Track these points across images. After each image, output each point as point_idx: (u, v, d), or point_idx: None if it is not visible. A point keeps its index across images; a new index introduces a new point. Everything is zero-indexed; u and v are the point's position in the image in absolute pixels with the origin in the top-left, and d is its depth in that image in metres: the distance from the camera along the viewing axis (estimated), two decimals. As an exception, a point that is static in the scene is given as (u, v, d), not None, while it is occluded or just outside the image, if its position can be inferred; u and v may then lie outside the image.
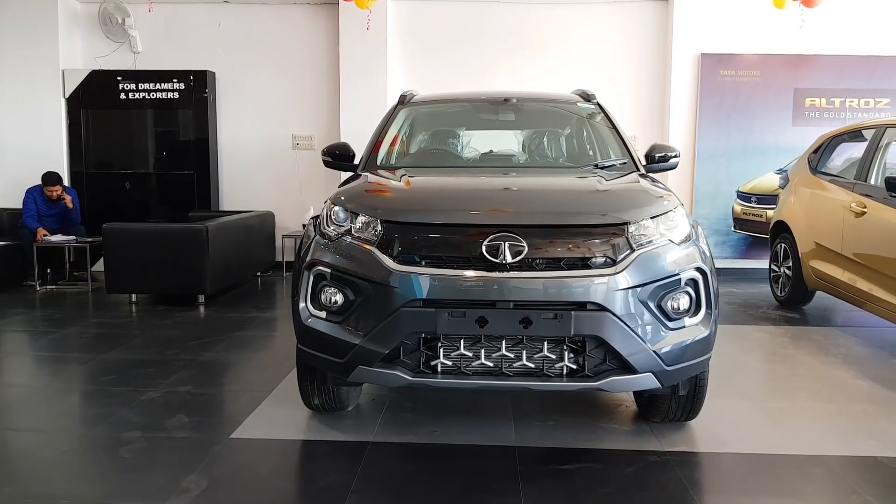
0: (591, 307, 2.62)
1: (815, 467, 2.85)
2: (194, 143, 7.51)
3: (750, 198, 7.22)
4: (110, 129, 7.57)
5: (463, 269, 2.65)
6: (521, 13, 7.33)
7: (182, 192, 7.52)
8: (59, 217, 7.00)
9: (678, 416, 3.17)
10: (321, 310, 2.87)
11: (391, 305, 2.66)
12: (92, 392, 3.71)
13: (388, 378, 2.73)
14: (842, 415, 3.46)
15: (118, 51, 7.53)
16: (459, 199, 3.04)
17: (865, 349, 4.64)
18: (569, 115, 4.28)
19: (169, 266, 5.79)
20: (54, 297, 6.35)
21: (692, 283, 2.80)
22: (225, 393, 3.81)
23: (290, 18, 7.50)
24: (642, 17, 7.27)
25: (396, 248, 2.73)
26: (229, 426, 3.21)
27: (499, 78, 7.29)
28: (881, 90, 6.98)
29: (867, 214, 4.66)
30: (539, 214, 2.80)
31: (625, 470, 2.81)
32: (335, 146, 3.92)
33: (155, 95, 7.39)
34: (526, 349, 2.68)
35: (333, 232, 2.93)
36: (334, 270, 2.82)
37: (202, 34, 7.54)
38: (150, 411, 3.43)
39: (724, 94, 7.07)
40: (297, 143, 7.65)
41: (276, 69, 7.56)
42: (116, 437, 3.09)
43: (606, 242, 2.69)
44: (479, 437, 3.11)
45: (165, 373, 4.02)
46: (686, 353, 2.76)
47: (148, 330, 5.07)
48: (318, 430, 3.18)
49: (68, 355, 4.45)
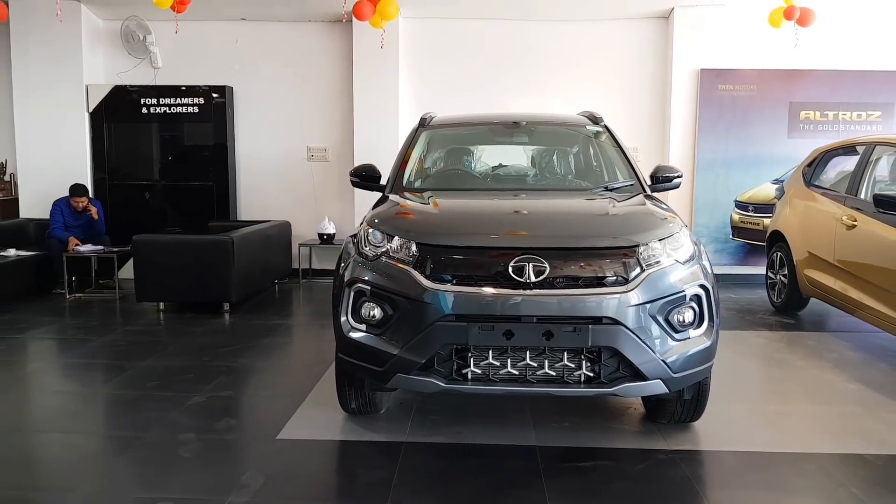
0: (606, 321, 2.93)
1: (808, 464, 3.17)
2: (213, 156, 7.80)
3: (747, 207, 7.53)
4: (132, 143, 7.86)
5: (491, 288, 2.96)
6: (526, 31, 7.62)
7: (201, 202, 7.81)
8: (84, 227, 7.28)
9: (683, 417, 3.49)
10: (361, 323, 3.17)
11: (427, 320, 2.97)
12: (141, 397, 4.00)
13: (424, 385, 3.04)
14: (832, 416, 3.78)
15: (139, 66, 7.81)
16: (487, 224, 3.34)
17: (856, 353, 4.95)
18: (578, 137, 4.58)
19: (196, 275, 6.08)
20: (83, 305, 6.63)
21: (696, 299, 3.11)
22: (263, 397, 4.12)
23: (305, 35, 7.79)
24: (644, 35, 7.57)
25: (430, 267, 3.03)
26: (274, 428, 3.51)
27: (505, 93, 7.58)
28: (872, 104, 7.30)
29: (857, 228, 4.97)
30: (559, 238, 3.11)
31: (636, 467, 3.11)
32: (362, 167, 4.22)
33: (175, 110, 7.67)
34: (548, 358, 2.99)
35: (371, 252, 3.23)
36: (373, 288, 3.12)
37: (220, 50, 7.83)
38: (198, 415, 3.73)
39: (723, 108, 7.37)
40: (312, 154, 7.94)
41: (292, 84, 7.84)
42: (173, 438, 3.39)
43: (619, 263, 3.00)
44: (501, 437, 3.41)
45: (205, 379, 4.32)
46: (691, 361, 3.07)
47: (180, 337, 5.36)
48: (355, 432, 3.49)
49: (111, 362, 4.73)
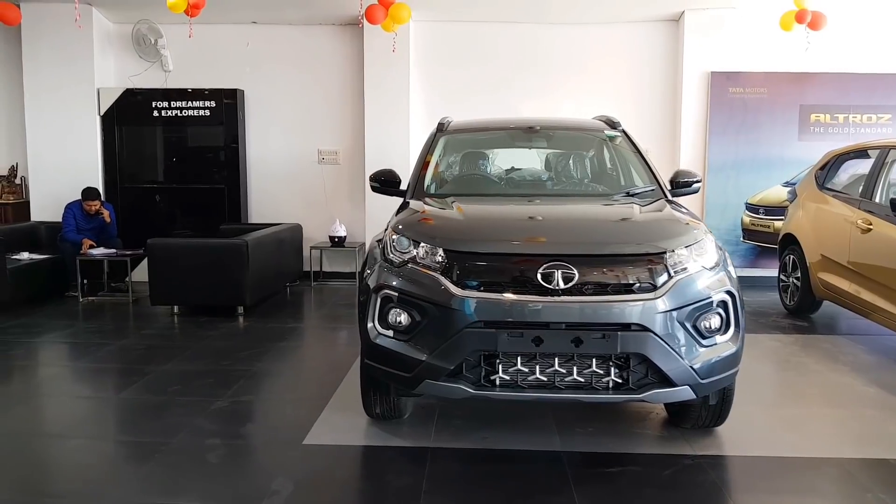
0: (635, 328, 2.94)
1: (832, 468, 3.18)
2: (224, 158, 7.81)
3: (758, 209, 7.55)
4: (143, 145, 7.88)
5: (520, 294, 2.97)
6: (537, 34, 7.64)
7: (212, 205, 7.82)
8: (96, 230, 7.29)
9: (707, 422, 3.51)
10: (388, 329, 3.19)
11: (455, 326, 2.98)
12: (163, 402, 4.01)
13: (453, 391, 3.05)
14: (853, 420, 3.79)
15: (150, 70, 7.83)
16: (515, 230, 3.35)
17: (871, 357, 4.97)
18: (597, 142, 4.59)
19: (211, 278, 6.09)
20: (97, 308, 6.64)
21: (722, 305, 3.13)
22: (286, 402, 4.13)
23: (316, 38, 7.80)
24: (654, 38, 7.59)
25: (459, 274, 3.04)
26: (299, 432, 3.52)
27: (516, 96, 7.60)
28: (882, 106, 7.32)
29: (873, 231, 4.99)
30: (587, 244, 3.12)
31: (663, 472, 3.13)
32: (382, 173, 4.24)
33: (186, 113, 7.69)
34: (576, 365, 3.00)
35: (397, 259, 3.25)
36: (401, 294, 3.13)
37: (231, 53, 7.84)
38: (222, 420, 3.75)
39: (733, 111, 7.39)
40: (323, 157, 7.95)
41: (303, 87, 7.86)
42: (200, 443, 3.41)
43: (648, 269, 3.02)
44: (526, 442, 3.43)
45: (226, 383, 4.34)
46: (718, 367, 3.09)
47: (197, 341, 5.37)
48: (379, 437, 3.51)
49: (130, 366, 4.74)
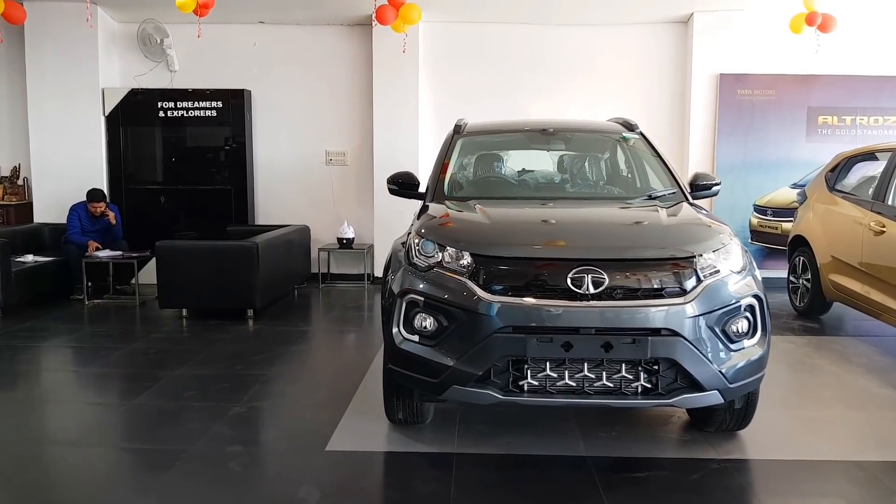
0: (665, 332, 2.92)
1: (858, 472, 3.18)
2: (231, 159, 7.77)
3: (766, 211, 7.56)
4: (148, 146, 7.83)
5: (550, 299, 2.96)
6: (546, 35, 7.63)
7: (219, 206, 7.78)
8: (101, 232, 7.23)
9: (731, 426, 3.50)
10: (414, 334, 3.16)
11: (484, 331, 2.96)
12: (180, 408, 3.97)
13: (481, 397, 3.03)
14: (872, 422, 3.79)
15: (155, 70, 7.78)
16: (543, 234, 3.34)
17: (884, 358, 4.98)
18: (616, 145, 4.58)
19: (220, 281, 6.05)
20: (103, 311, 6.59)
21: (750, 309, 3.12)
22: (304, 407, 4.09)
23: (324, 38, 7.77)
24: (663, 39, 7.60)
25: (487, 279, 3.02)
26: (321, 439, 3.49)
27: (525, 97, 7.59)
28: (890, 108, 7.34)
29: (886, 233, 5.00)
30: (617, 249, 3.11)
31: (691, 477, 3.12)
32: (399, 175, 4.21)
33: (193, 113, 7.64)
34: (605, 370, 2.98)
35: (423, 263, 3.22)
36: (427, 298, 3.11)
37: (238, 53, 7.80)
38: (242, 426, 3.71)
39: (742, 112, 7.40)
40: (331, 158, 7.92)
41: (310, 87, 7.82)
42: (221, 450, 3.37)
43: (678, 274, 3.01)
44: (551, 447, 3.41)
45: (241, 388, 4.30)
46: (746, 371, 3.08)
47: (209, 345, 5.33)
48: (402, 443, 3.48)
49: (143, 371, 4.69)
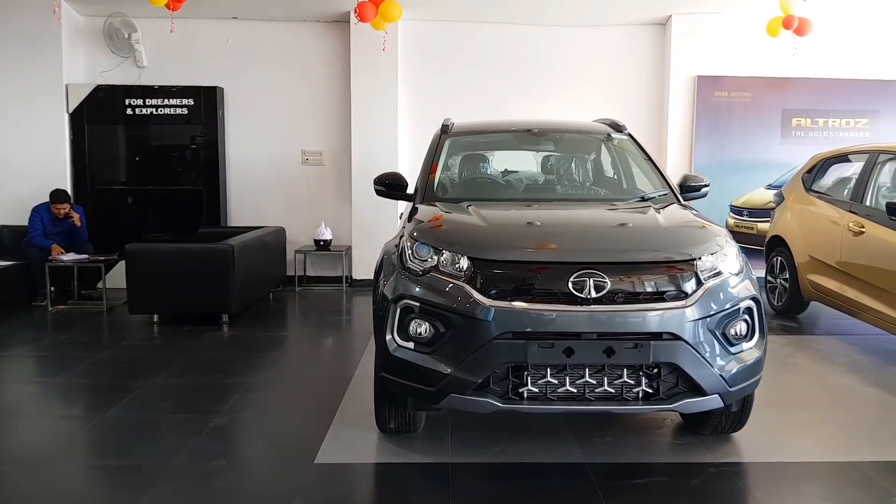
0: (667, 336, 2.87)
1: (854, 473, 3.17)
2: (203, 159, 7.54)
3: (742, 211, 7.64)
4: (115, 145, 7.54)
5: (550, 304, 2.88)
6: (526, 36, 7.58)
7: (190, 207, 7.54)
8: (65, 235, 6.93)
9: (727, 428, 3.47)
10: (409, 341, 3.04)
11: (484, 337, 2.87)
12: (158, 420, 3.78)
13: (480, 405, 2.93)
14: (862, 422, 3.81)
15: (122, 65, 7.50)
16: (542, 237, 3.25)
17: (865, 357, 5.04)
18: (606, 146, 4.53)
19: (194, 285, 5.84)
20: (68, 318, 6.30)
21: (748, 311, 3.09)
22: (289, 417, 3.94)
23: (300, 35, 7.59)
24: (642, 41, 7.61)
25: (486, 283, 2.93)
26: (309, 451, 3.35)
27: (503, 97, 7.52)
28: (860, 111, 7.49)
29: (866, 234, 5.06)
30: (619, 252, 3.04)
31: (691, 482, 3.07)
32: (386, 176, 4.09)
33: (162, 111, 7.38)
34: (607, 375, 2.92)
35: (418, 267, 3.11)
36: (423, 304, 3.00)
37: (210, 50, 7.57)
38: (224, 438, 3.55)
39: (718, 114, 7.46)
40: (307, 158, 7.74)
41: (286, 85, 7.64)
42: (203, 466, 3.20)
43: (679, 277, 2.96)
44: (548, 454, 3.33)
45: (221, 398, 4.13)
46: (744, 374, 3.04)
47: (183, 353, 5.12)
48: (394, 453, 3.36)
49: (115, 382, 4.47)
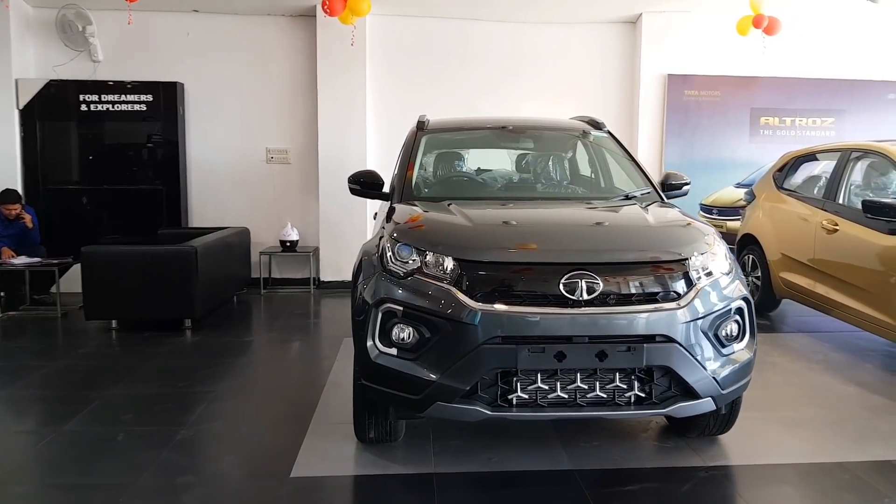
0: (660, 339, 2.78)
1: (843, 474, 3.13)
2: (162, 157, 7.22)
3: (711, 210, 7.67)
4: (69, 143, 7.16)
5: (541, 307, 2.75)
6: (497, 32, 7.47)
7: (149, 208, 7.21)
8: (16, 237, 6.54)
9: (714, 431, 3.40)
10: (391, 347, 2.89)
11: (472, 342, 2.73)
12: (119, 434, 3.53)
13: (468, 413, 2.79)
14: (844, 421, 3.78)
15: (76, 59, 7.12)
16: (532, 237, 3.11)
17: (840, 354, 5.06)
18: (585, 144, 4.43)
19: (156, 289, 5.55)
20: (20, 325, 5.96)
21: (739, 312, 3.01)
22: (261, 428, 3.73)
23: (264, 29, 7.33)
24: (613, 39, 7.57)
25: (473, 286, 2.79)
26: (284, 463, 3.17)
27: (474, 93, 7.39)
28: (827, 110, 7.59)
29: (839, 232, 5.09)
30: (611, 252, 2.93)
31: (682, 487, 2.99)
32: (361, 174, 3.93)
33: (119, 107, 7.04)
34: (599, 380, 2.81)
35: (400, 269, 2.95)
36: (407, 308, 2.85)
37: (169, 44, 7.25)
38: (192, 452, 3.34)
39: (689, 113, 7.47)
40: (272, 156, 7.48)
41: (250, 81, 7.36)
42: (171, 483, 3.00)
43: (672, 277, 2.86)
44: (535, 462, 3.21)
45: (187, 408, 3.90)
46: (736, 376, 2.97)
47: (145, 360, 4.86)
48: (375, 464, 3.20)
49: (73, 392, 4.20)
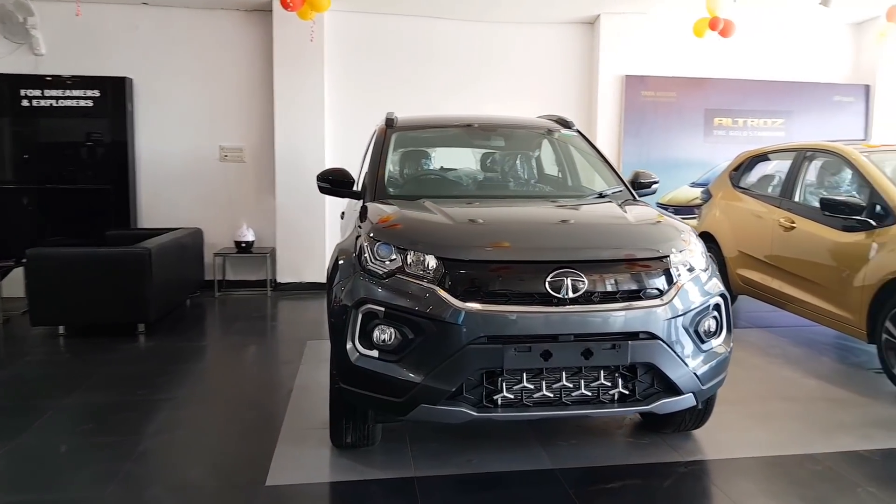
0: (643, 336, 2.78)
1: (815, 465, 3.20)
2: (110, 156, 6.89)
3: (667, 208, 7.78)
4: (8, 140, 6.76)
5: (526, 305, 2.71)
6: (457, 31, 7.42)
7: (95, 208, 6.87)
8: (-50, 239, 6.16)
9: (690, 426, 3.44)
10: (372, 349, 2.80)
11: (457, 343, 2.67)
12: (79, 446, 3.33)
13: (453, 415, 2.73)
14: (810, 413, 3.88)
15: (16, 52, 6.74)
16: (515, 235, 3.06)
17: (797, 349, 5.21)
18: (555, 142, 4.43)
19: (107, 293, 5.28)
20: (-43, 331, 5.59)
21: (717, 308, 3.05)
22: (229, 435, 3.58)
23: (218, 24, 7.08)
24: (572, 40, 7.63)
25: (457, 285, 2.73)
26: (257, 472, 3.05)
27: (433, 92, 7.33)
28: (776, 111, 7.84)
29: (797, 229, 5.24)
30: (596, 250, 2.91)
31: (664, 483, 3.00)
32: (330, 171, 3.82)
33: (64, 103, 6.69)
34: (584, 378, 2.79)
35: (380, 269, 2.86)
36: (389, 309, 2.77)
37: (117, 37, 6.93)
38: (158, 462, 3.18)
39: (645, 113, 7.60)
40: (226, 155, 7.24)
41: (202, 77, 7.11)
42: (138, 496, 2.84)
43: (655, 275, 2.87)
44: (515, 462, 3.17)
45: (148, 417, 3.72)
46: (714, 371, 3.00)
47: (99, 367, 4.61)
48: (353, 470, 3.10)
49: (23, 403, 3.93)
